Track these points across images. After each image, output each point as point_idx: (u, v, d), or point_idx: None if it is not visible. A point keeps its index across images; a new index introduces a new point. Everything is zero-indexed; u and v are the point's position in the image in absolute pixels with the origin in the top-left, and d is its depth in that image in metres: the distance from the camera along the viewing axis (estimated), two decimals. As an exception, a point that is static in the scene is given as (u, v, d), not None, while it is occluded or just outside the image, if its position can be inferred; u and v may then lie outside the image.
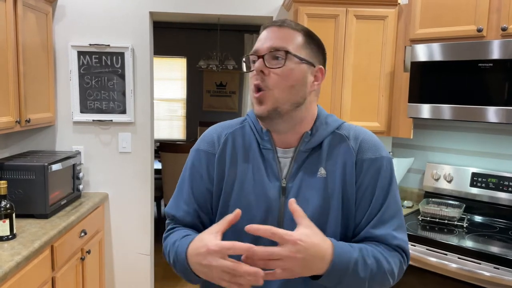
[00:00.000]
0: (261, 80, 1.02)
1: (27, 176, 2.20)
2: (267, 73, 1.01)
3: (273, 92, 1.01)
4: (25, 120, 2.28)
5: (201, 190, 1.12)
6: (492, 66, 2.02)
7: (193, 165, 1.14)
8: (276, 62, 1.02)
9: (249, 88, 1.11)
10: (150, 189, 2.92)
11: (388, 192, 1.07)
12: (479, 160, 2.47)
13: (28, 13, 2.33)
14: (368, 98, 2.49)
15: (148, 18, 2.77)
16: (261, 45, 1.04)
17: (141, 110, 2.83)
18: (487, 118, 2.05)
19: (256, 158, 1.09)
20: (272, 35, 1.04)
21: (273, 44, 1.02)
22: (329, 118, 1.13)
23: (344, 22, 2.42)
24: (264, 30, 1.07)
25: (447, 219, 2.26)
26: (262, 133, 1.10)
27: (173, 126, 7.03)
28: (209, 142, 1.14)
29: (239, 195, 1.07)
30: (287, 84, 1.02)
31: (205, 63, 5.86)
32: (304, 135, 1.08)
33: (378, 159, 1.08)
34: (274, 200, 1.05)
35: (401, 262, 1.06)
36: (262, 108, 1.02)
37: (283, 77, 1.01)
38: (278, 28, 1.05)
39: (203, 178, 1.12)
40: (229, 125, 1.16)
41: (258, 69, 1.02)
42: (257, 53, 1.04)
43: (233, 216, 0.96)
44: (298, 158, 1.07)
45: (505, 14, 2.04)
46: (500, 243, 2.00)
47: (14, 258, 1.71)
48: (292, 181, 1.06)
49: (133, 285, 2.96)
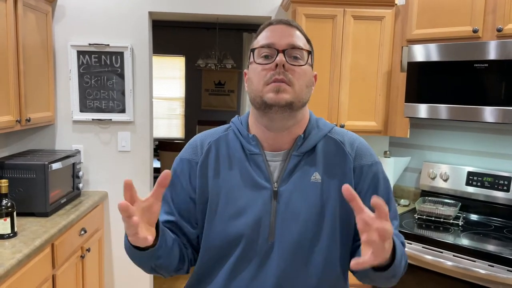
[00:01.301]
0: (283, 74, 1.00)
1: (27, 175, 2.22)
2: (287, 68, 1.01)
3: (293, 87, 1.01)
4: (26, 119, 2.30)
5: (183, 199, 1.10)
6: (487, 66, 2.04)
7: (175, 173, 1.12)
8: (294, 59, 1.02)
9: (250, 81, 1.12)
10: (150, 188, 2.94)
11: (389, 195, 1.11)
12: (475, 159, 2.50)
13: (28, 13, 2.35)
14: (365, 98, 2.51)
15: (147, 17, 2.79)
16: (278, 40, 1.02)
17: (140, 109, 2.85)
18: (483, 118, 2.08)
19: (243, 164, 1.07)
20: (287, 32, 1.04)
21: (292, 42, 1.02)
22: (320, 121, 1.13)
23: (342, 22, 2.44)
24: (272, 26, 1.06)
25: (443, 218, 2.29)
26: (248, 138, 1.08)
27: (171, 125, 7.05)
28: (192, 150, 1.12)
29: (227, 203, 1.05)
30: (304, 83, 1.03)
31: (203, 62, 5.87)
32: (297, 139, 1.07)
33: (374, 164, 1.10)
34: (266, 204, 1.03)
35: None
36: (280, 96, 1.00)
37: (302, 75, 1.03)
38: (289, 27, 1.05)
39: (184, 187, 1.10)
40: (213, 133, 1.15)
41: (281, 62, 1.00)
42: (275, 47, 1.02)
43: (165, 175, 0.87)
44: (291, 162, 1.06)
45: (501, 15, 2.06)
46: (495, 241, 2.03)
47: (15, 256, 1.73)
48: (284, 185, 1.04)
49: (132, 283, 2.98)
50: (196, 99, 7.00)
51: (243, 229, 1.03)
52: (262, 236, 1.03)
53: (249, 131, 1.10)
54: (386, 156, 2.69)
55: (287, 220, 1.03)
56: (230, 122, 1.16)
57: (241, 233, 1.03)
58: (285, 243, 1.02)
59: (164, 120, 7.00)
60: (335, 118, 2.51)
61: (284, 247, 1.02)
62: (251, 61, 1.07)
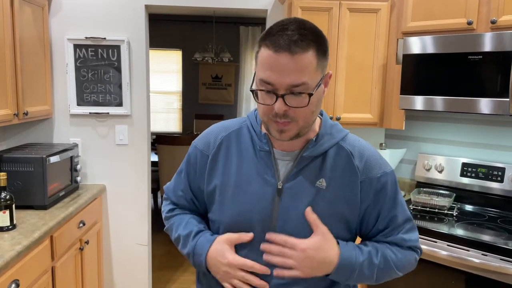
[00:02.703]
0: (285, 117, 0.98)
1: (26, 168, 2.23)
2: (287, 110, 0.97)
3: (297, 122, 0.99)
4: (23, 113, 2.31)
5: (195, 184, 1.19)
6: (481, 58, 2.06)
7: (189, 160, 1.20)
8: (296, 98, 0.96)
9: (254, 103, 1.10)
10: (147, 181, 2.96)
11: (395, 204, 1.13)
12: (469, 150, 2.53)
13: (24, 6, 2.35)
14: (361, 90, 2.53)
15: (143, 11, 2.79)
16: (277, 80, 0.94)
17: (138, 102, 2.86)
18: (477, 109, 2.10)
19: (252, 160, 1.10)
20: (287, 67, 0.93)
21: (292, 82, 0.94)
22: (334, 128, 1.12)
23: (338, 15, 2.46)
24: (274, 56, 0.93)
25: (437, 208, 2.32)
26: (260, 135, 1.10)
27: (169, 119, 7.06)
28: (205, 142, 1.17)
29: (234, 197, 1.09)
30: (309, 112, 1.00)
31: (200, 55, 5.87)
32: (309, 142, 1.08)
33: (383, 176, 1.10)
34: (269, 201, 1.06)
35: (413, 257, 1.16)
36: (284, 135, 1.01)
37: (305, 110, 0.98)
38: (291, 57, 0.92)
39: (196, 175, 1.18)
40: (227, 127, 1.17)
41: (280, 111, 0.96)
42: (274, 91, 0.95)
43: (248, 238, 1.07)
44: (299, 163, 1.07)
45: (495, 7, 2.08)
46: (488, 231, 2.06)
47: (15, 248, 1.75)
48: (289, 183, 1.07)
49: (131, 275, 3.01)
50: (194, 93, 7.00)
51: (246, 222, 1.08)
52: (263, 231, 1.07)
53: (262, 129, 1.12)
54: (382, 148, 2.71)
55: (288, 217, 1.06)
56: (246, 116, 1.18)
57: (244, 226, 1.08)
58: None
59: (161, 114, 7.01)
60: (331, 111, 2.52)
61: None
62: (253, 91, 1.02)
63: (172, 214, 1.24)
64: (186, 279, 3.64)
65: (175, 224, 1.21)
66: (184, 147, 4.51)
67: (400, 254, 1.13)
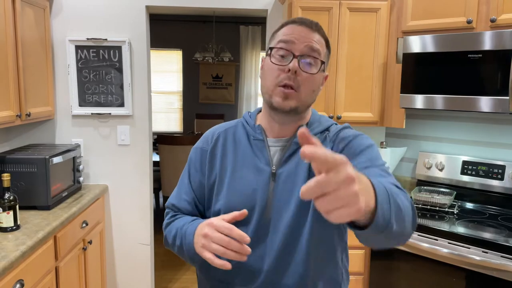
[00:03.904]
0: (293, 80, 1.06)
1: (29, 169, 2.25)
2: (298, 74, 1.06)
3: (300, 93, 1.08)
4: (26, 114, 2.32)
5: (197, 182, 1.22)
6: (481, 57, 2.07)
7: (191, 160, 1.25)
8: (308, 66, 1.08)
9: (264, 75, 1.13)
10: (149, 181, 2.97)
11: (363, 148, 1.08)
12: (470, 148, 2.54)
13: (26, 8, 2.36)
14: (361, 89, 2.54)
15: (144, 12, 2.80)
16: (297, 42, 1.07)
17: (139, 103, 2.88)
18: (477, 107, 2.11)
19: (246, 148, 1.17)
20: (308, 36, 1.07)
21: (310, 47, 1.07)
22: (322, 118, 1.21)
23: (338, 14, 2.47)
24: (294, 25, 1.09)
25: (438, 206, 2.33)
26: (254, 127, 1.18)
27: (170, 119, 7.07)
28: (204, 140, 1.25)
29: (230, 182, 1.14)
30: (312, 89, 1.10)
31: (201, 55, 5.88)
32: (299, 127, 1.14)
33: (352, 136, 1.11)
34: (264, 185, 1.12)
35: (407, 198, 0.93)
36: (286, 103, 1.07)
37: (310, 82, 1.08)
38: (310, 31, 1.08)
39: (197, 171, 1.22)
40: (224, 125, 1.26)
41: (294, 69, 1.05)
42: (292, 50, 1.07)
43: (238, 214, 1.02)
44: (291, 148, 1.14)
45: (494, 6, 2.09)
46: (489, 229, 2.07)
47: (19, 248, 1.76)
48: (282, 167, 1.12)
49: (133, 274, 3.02)
50: (194, 93, 7.01)
51: (244, 205, 1.11)
52: (260, 213, 1.11)
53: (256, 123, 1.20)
54: (383, 146, 2.72)
55: (283, 199, 1.10)
56: (242, 117, 1.26)
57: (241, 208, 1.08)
58: (280, 220, 1.10)
59: (162, 114, 7.02)
60: (332, 110, 2.54)
61: (279, 224, 1.10)
62: (268, 55, 1.11)
63: (172, 220, 1.23)
64: (188, 278, 3.66)
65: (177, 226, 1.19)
66: (185, 147, 4.53)
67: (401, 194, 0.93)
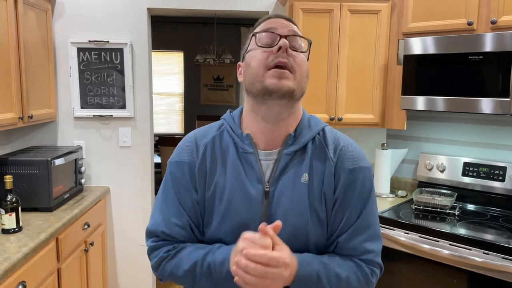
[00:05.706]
0: (286, 59, 0.99)
1: (31, 170, 2.26)
2: (289, 53, 1.00)
3: (295, 74, 1.00)
4: (28, 116, 2.33)
5: (189, 202, 1.07)
6: (482, 58, 2.08)
7: (175, 177, 1.08)
8: (297, 44, 1.03)
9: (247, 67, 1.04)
10: (151, 182, 2.98)
11: (365, 203, 1.06)
12: (471, 150, 2.54)
13: (28, 11, 2.37)
14: (362, 91, 2.54)
15: (145, 14, 2.81)
16: (279, 28, 1.03)
17: (141, 104, 2.89)
18: (478, 109, 2.12)
19: (236, 163, 1.05)
20: (288, 24, 1.04)
21: (294, 31, 1.04)
22: (312, 121, 1.11)
23: (339, 16, 2.47)
24: (271, 19, 1.06)
25: (439, 208, 2.33)
26: (242, 137, 1.07)
27: (171, 120, 7.08)
28: (188, 152, 1.09)
29: (220, 202, 1.04)
30: (304, 72, 1.03)
31: (202, 57, 5.89)
32: (287, 137, 1.06)
33: (357, 169, 1.06)
34: (257, 204, 1.03)
35: (367, 275, 1.05)
36: (283, 82, 0.98)
37: (302, 64, 1.03)
38: (288, 22, 1.06)
39: (188, 189, 1.07)
40: (205, 133, 1.12)
41: (285, 45, 0.99)
42: (277, 32, 1.02)
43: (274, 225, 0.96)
44: (281, 161, 1.04)
45: (495, 7, 2.09)
46: (490, 230, 2.08)
47: (22, 250, 1.77)
48: (276, 185, 1.03)
49: (135, 276, 3.03)
50: (195, 94, 7.02)
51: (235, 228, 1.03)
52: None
53: (242, 129, 1.09)
54: (384, 148, 2.72)
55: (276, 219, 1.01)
56: (222, 119, 1.13)
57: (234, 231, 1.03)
58: None
59: (163, 115, 7.03)
60: (333, 111, 2.54)
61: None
62: (249, 49, 1.05)
63: (171, 254, 1.05)
64: (189, 280, 3.65)
65: (184, 258, 1.04)
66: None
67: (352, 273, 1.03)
